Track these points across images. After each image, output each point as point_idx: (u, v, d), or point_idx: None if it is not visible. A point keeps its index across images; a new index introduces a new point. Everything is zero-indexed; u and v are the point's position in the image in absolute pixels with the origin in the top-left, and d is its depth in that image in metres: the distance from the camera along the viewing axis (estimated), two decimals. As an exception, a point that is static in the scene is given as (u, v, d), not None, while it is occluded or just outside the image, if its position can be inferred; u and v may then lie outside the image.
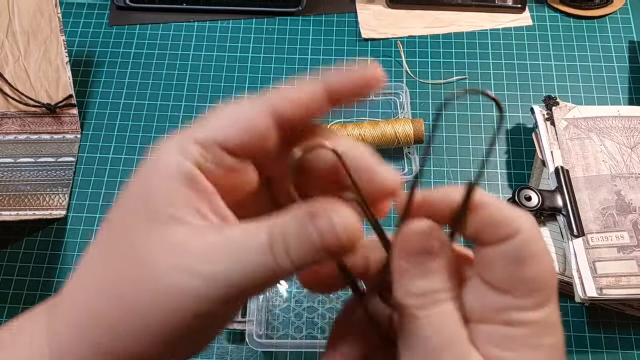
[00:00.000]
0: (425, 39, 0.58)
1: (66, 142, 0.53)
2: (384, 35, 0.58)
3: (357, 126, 0.51)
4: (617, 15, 0.59)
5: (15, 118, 0.54)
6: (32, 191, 0.50)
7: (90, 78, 0.57)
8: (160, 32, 0.59)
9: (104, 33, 0.59)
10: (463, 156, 0.52)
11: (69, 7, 0.60)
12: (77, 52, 0.58)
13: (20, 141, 0.53)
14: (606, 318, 0.46)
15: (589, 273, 0.43)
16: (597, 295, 0.42)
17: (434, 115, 0.54)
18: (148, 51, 0.58)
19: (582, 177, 0.47)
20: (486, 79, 0.56)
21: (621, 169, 0.47)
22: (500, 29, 0.59)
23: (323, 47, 0.58)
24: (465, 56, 0.57)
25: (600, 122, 0.49)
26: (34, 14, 0.53)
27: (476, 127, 0.54)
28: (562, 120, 0.49)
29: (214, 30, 0.59)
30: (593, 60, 0.57)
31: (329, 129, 0.23)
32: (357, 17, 0.59)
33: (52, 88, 0.53)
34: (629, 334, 0.45)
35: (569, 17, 0.59)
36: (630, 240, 0.44)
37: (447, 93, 0.56)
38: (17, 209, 0.49)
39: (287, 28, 0.59)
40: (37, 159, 0.52)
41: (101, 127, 0.54)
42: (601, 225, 0.45)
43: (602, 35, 0.58)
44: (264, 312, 0.46)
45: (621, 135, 0.48)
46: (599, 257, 0.44)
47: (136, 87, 0.56)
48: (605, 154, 0.48)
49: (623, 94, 0.55)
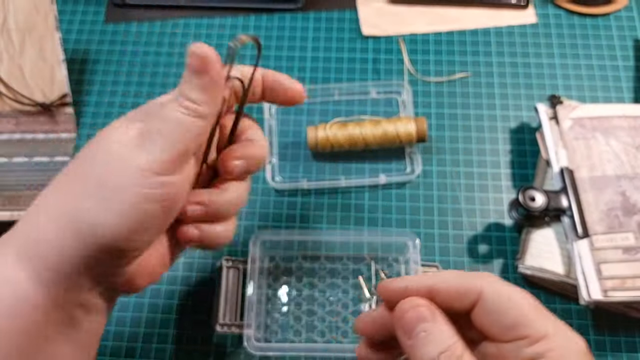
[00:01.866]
0: (428, 37, 0.57)
1: (61, 141, 0.53)
2: (385, 33, 0.57)
3: (358, 125, 0.50)
4: (622, 13, 0.58)
5: (9, 117, 0.53)
6: (27, 191, 0.50)
7: (86, 76, 0.56)
8: (158, 29, 0.58)
9: (100, 30, 0.58)
10: (466, 155, 0.52)
11: (64, 4, 0.60)
12: (73, 49, 0.57)
13: (15, 140, 0.52)
14: (611, 321, 0.45)
15: (594, 275, 0.42)
16: (602, 297, 0.42)
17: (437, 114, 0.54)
18: (145, 49, 0.57)
19: (587, 177, 0.46)
20: (489, 77, 0.55)
21: (626, 169, 0.46)
22: (504, 26, 0.58)
23: (323, 44, 0.57)
24: (468, 54, 0.56)
25: (606, 121, 0.48)
26: (29, 11, 0.52)
27: (479, 127, 0.53)
28: (566, 120, 0.48)
29: (211, 27, 0.59)
30: (598, 59, 0.56)
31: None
32: (357, 14, 0.58)
33: (48, 86, 0.52)
34: (633, 336, 0.45)
35: (573, 15, 0.58)
36: (635, 241, 0.44)
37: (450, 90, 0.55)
38: (11, 209, 0.49)
39: (286, 25, 0.58)
40: (32, 159, 0.51)
41: (97, 126, 0.54)
42: (606, 227, 0.44)
43: (606, 33, 0.57)
44: (263, 316, 0.45)
45: (626, 135, 0.48)
46: (604, 259, 0.43)
47: (133, 86, 0.56)
48: (610, 154, 0.47)
49: (628, 92, 0.54)
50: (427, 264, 0.45)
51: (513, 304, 0.26)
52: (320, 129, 0.50)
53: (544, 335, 0.25)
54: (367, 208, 0.50)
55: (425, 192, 0.50)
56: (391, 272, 0.47)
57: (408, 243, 0.45)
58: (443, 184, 0.50)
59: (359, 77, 0.55)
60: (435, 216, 0.49)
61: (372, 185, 0.50)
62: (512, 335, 0.25)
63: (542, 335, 0.25)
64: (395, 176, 0.50)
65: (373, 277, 0.46)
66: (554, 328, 0.25)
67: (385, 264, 0.47)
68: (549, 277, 0.44)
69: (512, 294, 0.26)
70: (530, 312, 0.25)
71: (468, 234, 0.48)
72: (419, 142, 0.50)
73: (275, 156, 0.51)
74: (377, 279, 0.46)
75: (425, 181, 0.51)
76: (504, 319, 0.26)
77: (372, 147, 0.50)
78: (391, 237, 0.46)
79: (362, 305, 0.46)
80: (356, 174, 0.51)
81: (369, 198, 0.50)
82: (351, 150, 0.50)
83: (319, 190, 0.50)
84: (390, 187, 0.50)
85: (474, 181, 0.50)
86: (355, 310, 0.46)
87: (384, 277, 0.45)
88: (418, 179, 0.51)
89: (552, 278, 0.44)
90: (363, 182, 0.50)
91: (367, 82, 0.55)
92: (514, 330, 0.25)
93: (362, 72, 0.56)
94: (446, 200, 0.50)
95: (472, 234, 0.48)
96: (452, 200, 0.50)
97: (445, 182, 0.51)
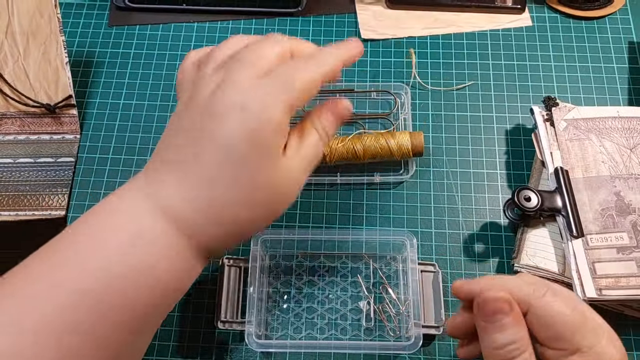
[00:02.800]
0: (425, 40, 0.58)
1: (65, 142, 0.53)
2: (383, 36, 0.58)
3: (352, 141, 0.50)
4: (617, 15, 0.59)
5: (14, 118, 0.54)
6: (32, 191, 0.50)
7: (89, 78, 0.57)
8: (160, 32, 0.59)
9: (104, 33, 0.59)
10: (462, 157, 0.52)
11: (68, 8, 0.60)
12: (77, 52, 0.58)
13: (20, 141, 0.53)
14: (605, 319, 0.45)
15: (589, 274, 0.43)
16: (596, 296, 0.42)
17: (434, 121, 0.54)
18: (148, 52, 0.58)
19: (581, 178, 0.47)
20: (486, 80, 0.56)
21: (620, 170, 0.47)
22: (500, 29, 0.59)
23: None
24: (465, 57, 0.57)
25: (600, 122, 0.49)
26: (33, 14, 0.53)
27: (476, 128, 0.54)
28: (561, 121, 0.49)
29: (213, 30, 0.59)
30: (592, 61, 0.57)
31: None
32: (356, 17, 0.59)
33: (52, 88, 0.53)
34: (628, 334, 0.45)
35: (569, 18, 0.59)
36: (629, 241, 0.44)
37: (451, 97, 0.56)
38: (16, 209, 0.49)
39: (287, 29, 0.59)
40: (36, 159, 0.52)
41: (101, 127, 0.54)
42: (600, 226, 0.45)
43: (601, 36, 0.58)
44: (264, 313, 0.46)
45: (620, 136, 0.48)
46: (599, 258, 0.44)
47: (136, 88, 0.56)
48: (605, 154, 0.48)
49: (622, 94, 0.55)
50: (424, 263, 0.46)
51: (555, 319, 0.29)
52: None
53: (577, 349, 0.29)
54: (365, 208, 0.50)
55: (422, 192, 0.51)
56: (389, 271, 0.47)
57: (405, 242, 0.46)
58: (440, 184, 0.51)
59: (358, 79, 0.56)
60: (432, 216, 0.50)
61: (369, 184, 0.51)
62: (553, 345, 0.29)
63: (576, 349, 0.29)
64: (391, 176, 0.51)
65: (371, 275, 0.47)
66: (591, 342, 0.29)
67: (383, 262, 0.48)
68: (544, 275, 0.45)
69: (559, 308, 0.30)
70: (568, 327, 0.29)
71: (464, 234, 0.49)
72: (416, 156, 0.50)
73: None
74: (375, 277, 0.47)
75: (422, 181, 0.51)
76: (546, 330, 0.30)
77: (369, 161, 0.51)
78: (389, 236, 0.47)
79: (360, 303, 0.46)
80: (354, 172, 0.52)
81: (367, 198, 0.51)
82: (349, 163, 0.51)
83: (318, 189, 0.51)
84: (388, 188, 0.51)
85: (470, 181, 0.51)
86: (354, 308, 0.46)
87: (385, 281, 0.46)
88: (415, 179, 0.51)
89: (547, 277, 0.45)
90: (361, 181, 0.51)
91: (366, 83, 0.56)
92: (554, 342, 0.29)
93: (361, 74, 0.56)
94: (443, 200, 0.51)
95: (468, 233, 0.49)
96: (449, 200, 0.51)
97: (442, 183, 0.51)
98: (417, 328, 0.42)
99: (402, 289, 0.46)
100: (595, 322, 0.30)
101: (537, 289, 0.30)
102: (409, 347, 0.41)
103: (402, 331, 0.45)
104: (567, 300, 0.30)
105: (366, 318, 0.46)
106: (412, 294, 0.43)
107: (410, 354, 0.44)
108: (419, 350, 0.44)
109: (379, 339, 0.45)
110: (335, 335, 0.45)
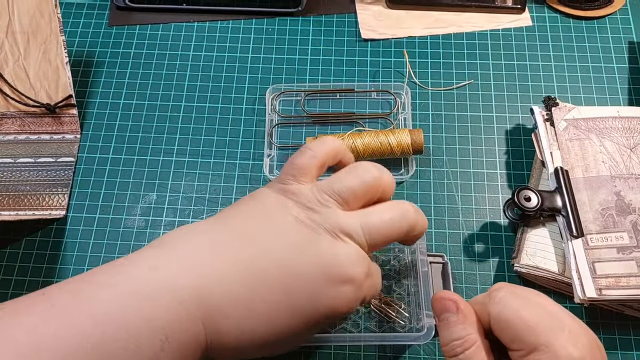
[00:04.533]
0: (425, 40, 0.58)
1: (66, 142, 0.53)
2: (383, 36, 0.58)
3: (352, 137, 0.50)
4: (617, 15, 0.59)
5: (15, 118, 0.54)
6: (32, 191, 0.50)
7: (90, 78, 0.57)
8: (160, 32, 0.59)
9: (104, 33, 0.59)
10: (462, 157, 0.52)
11: (68, 7, 0.61)
12: (77, 52, 0.58)
13: (20, 141, 0.53)
14: (605, 319, 0.46)
15: (589, 274, 0.43)
16: (596, 296, 0.42)
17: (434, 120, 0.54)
18: (148, 51, 0.58)
19: (581, 177, 0.47)
20: (486, 79, 0.56)
21: (621, 169, 0.47)
22: (500, 29, 0.59)
23: (323, 47, 0.58)
24: (465, 57, 0.57)
25: (600, 122, 0.49)
26: (33, 14, 0.53)
27: (476, 128, 0.54)
28: (561, 121, 0.49)
29: (213, 30, 0.59)
30: (593, 61, 0.57)
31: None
32: (357, 17, 0.59)
33: (52, 88, 0.53)
34: (628, 334, 0.45)
35: (569, 18, 0.59)
36: (629, 241, 0.44)
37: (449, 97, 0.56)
38: (16, 209, 0.49)
39: (287, 28, 0.59)
40: (36, 159, 0.52)
41: (101, 127, 0.54)
42: (601, 226, 0.45)
43: (601, 36, 0.58)
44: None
45: (621, 136, 0.48)
46: (599, 258, 0.44)
47: (136, 87, 0.56)
48: (605, 154, 0.48)
49: (623, 94, 0.55)
50: (433, 254, 0.46)
51: (509, 320, 0.30)
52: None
53: (534, 347, 0.29)
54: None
55: (422, 192, 0.51)
56: (398, 262, 0.48)
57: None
58: (440, 184, 0.51)
59: (358, 79, 0.56)
60: (432, 215, 0.50)
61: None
62: (513, 346, 0.30)
63: (534, 348, 0.29)
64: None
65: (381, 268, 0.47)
66: (548, 340, 0.29)
67: (392, 254, 0.48)
68: (544, 275, 0.45)
69: (512, 308, 0.30)
70: (523, 327, 0.29)
71: (464, 234, 0.49)
72: (416, 154, 0.50)
73: (274, 149, 0.52)
74: (384, 269, 0.47)
75: (423, 181, 0.51)
76: (505, 332, 0.30)
77: (369, 158, 0.51)
78: None
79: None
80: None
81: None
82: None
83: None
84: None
85: (470, 181, 0.51)
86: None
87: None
88: (415, 179, 0.51)
89: (547, 276, 0.45)
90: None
91: (366, 83, 0.56)
92: (514, 342, 0.30)
93: (361, 74, 0.56)
94: (443, 199, 0.51)
95: (468, 233, 0.49)
96: (449, 200, 0.51)
97: (442, 182, 0.51)
98: (429, 319, 0.42)
99: (411, 281, 0.46)
100: (555, 319, 0.30)
101: (494, 294, 0.31)
102: (423, 337, 0.42)
103: (413, 322, 0.45)
104: (523, 300, 0.31)
105: (377, 310, 0.46)
106: (423, 285, 0.43)
107: (423, 344, 0.45)
108: (432, 342, 0.44)
109: (390, 331, 0.45)
110: (346, 328, 0.46)
